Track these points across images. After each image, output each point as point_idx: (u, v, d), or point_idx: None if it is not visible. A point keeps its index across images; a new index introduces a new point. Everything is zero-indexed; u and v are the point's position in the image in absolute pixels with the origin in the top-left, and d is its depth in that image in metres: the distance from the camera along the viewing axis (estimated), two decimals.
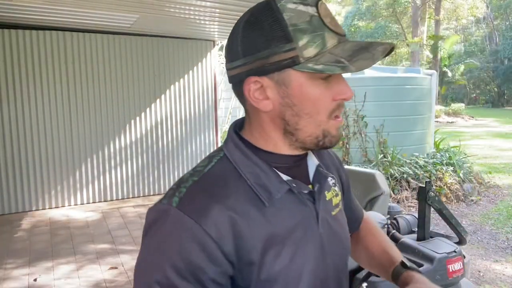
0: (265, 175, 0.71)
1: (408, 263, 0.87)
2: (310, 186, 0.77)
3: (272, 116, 0.71)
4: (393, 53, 0.68)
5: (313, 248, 0.73)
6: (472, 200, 5.87)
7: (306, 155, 0.79)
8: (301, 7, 0.66)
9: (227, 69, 0.73)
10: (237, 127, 0.78)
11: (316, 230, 0.75)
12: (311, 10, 0.66)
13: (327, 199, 0.79)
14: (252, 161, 0.71)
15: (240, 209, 0.67)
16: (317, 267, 0.74)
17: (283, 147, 0.73)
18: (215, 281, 0.64)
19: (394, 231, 2.55)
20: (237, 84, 0.71)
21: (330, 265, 0.77)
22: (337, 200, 0.83)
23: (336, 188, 0.84)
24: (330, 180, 0.83)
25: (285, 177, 0.72)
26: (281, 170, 0.73)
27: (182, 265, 0.62)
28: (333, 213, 0.80)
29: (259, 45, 0.66)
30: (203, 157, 2.22)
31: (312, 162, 0.80)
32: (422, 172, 5.77)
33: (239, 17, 0.72)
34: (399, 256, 0.91)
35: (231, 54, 0.71)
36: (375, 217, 2.34)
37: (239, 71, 0.69)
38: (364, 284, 2.08)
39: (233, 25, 0.73)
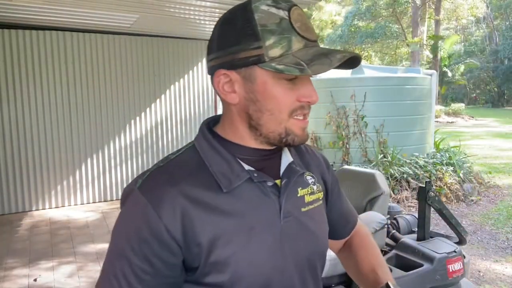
0: (227, 164, 0.75)
1: (392, 287, 0.87)
2: (278, 181, 0.79)
3: (238, 110, 0.75)
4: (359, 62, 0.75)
5: (270, 238, 0.75)
6: (472, 200, 5.87)
7: (279, 151, 0.82)
8: (273, 10, 0.70)
9: (206, 62, 0.78)
10: (212, 122, 0.83)
11: (278, 222, 0.77)
12: (283, 13, 0.70)
13: (298, 195, 0.82)
14: (216, 151, 0.76)
15: (195, 194, 0.72)
16: (273, 257, 0.75)
17: (249, 141, 0.77)
18: (162, 259, 0.69)
19: (394, 231, 2.55)
20: (211, 76, 0.76)
21: (289, 257, 0.78)
22: (311, 198, 0.84)
23: (315, 187, 0.86)
24: (310, 179, 0.86)
25: (247, 167, 0.76)
26: (247, 162, 0.77)
27: (135, 240, 0.69)
28: (304, 209, 0.82)
29: (231, 40, 0.71)
30: None
31: (286, 158, 0.82)
32: (422, 172, 5.77)
33: (240, 4, 0.76)
34: (386, 277, 0.91)
35: (209, 47, 0.76)
36: (375, 217, 2.34)
37: (213, 64, 0.75)
38: None
39: None
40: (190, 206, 0.71)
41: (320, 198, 0.88)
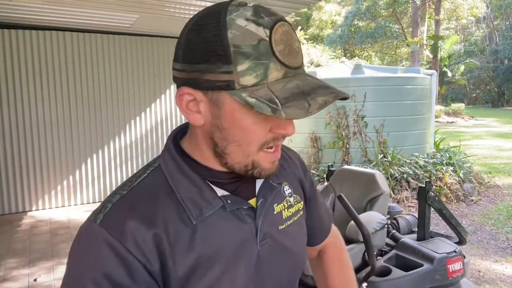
0: (198, 190, 0.67)
1: None
2: (254, 200, 0.73)
3: (203, 133, 0.66)
4: (347, 98, 0.62)
5: (245, 268, 0.69)
6: (472, 200, 5.87)
7: None
8: (251, 27, 0.58)
9: (172, 67, 0.67)
10: (179, 134, 0.73)
11: (254, 247, 0.70)
12: (262, 32, 0.58)
13: (274, 212, 0.75)
14: (185, 175, 0.67)
15: (166, 227, 0.64)
16: (249, 286, 0.70)
17: (216, 165, 0.68)
18: None
19: (394, 231, 2.55)
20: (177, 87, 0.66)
21: (267, 281, 0.73)
22: (289, 212, 0.78)
23: (291, 199, 0.80)
24: (287, 190, 0.79)
25: (220, 192, 0.68)
26: (219, 185, 0.69)
27: (104, 282, 0.60)
28: (282, 226, 0.76)
29: (198, 55, 0.60)
30: None
31: None
32: (422, 172, 5.77)
33: (216, 6, 0.65)
34: None
35: (175, 52, 0.65)
36: (375, 217, 2.34)
37: (178, 76, 0.65)
38: (364, 284, 2.08)
39: None
40: (162, 242, 0.63)
41: (300, 208, 0.82)
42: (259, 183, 0.74)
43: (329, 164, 3.31)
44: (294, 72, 0.61)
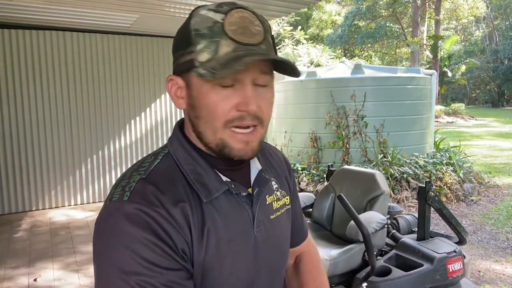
0: (206, 174, 0.73)
1: None
2: (249, 189, 0.78)
3: (187, 116, 0.75)
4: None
5: (247, 249, 0.75)
6: (472, 200, 5.87)
7: (243, 162, 0.78)
8: (210, 14, 0.67)
9: None
10: (182, 125, 0.80)
11: (251, 232, 0.76)
12: (218, 17, 0.66)
13: (267, 203, 0.81)
14: (194, 160, 0.74)
15: (182, 204, 0.69)
16: (250, 267, 0.76)
17: (206, 149, 0.75)
18: (171, 269, 0.65)
19: (394, 231, 2.55)
20: None
21: (261, 267, 0.79)
22: (278, 204, 0.84)
23: (278, 193, 0.85)
24: (274, 185, 0.85)
25: (224, 178, 0.74)
26: (221, 172, 0.75)
27: (144, 251, 0.63)
28: (272, 216, 0.82)
29: (175, 46, 0.72)
30: None
31: (255, 166, 0.81)
32: (422, 172, 5.76)
33: None
34: None
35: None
36: (375, 217, 2.34)
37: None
38: (364, 284, 2.08)
39: None
40: (187, 212, 0.69)
41: (287, 203, 0.88)
42: (253, 175, 0.80)
43: (329, 164, 3.31)
44: (246, 48, 0.66)
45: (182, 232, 0.67)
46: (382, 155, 6.07)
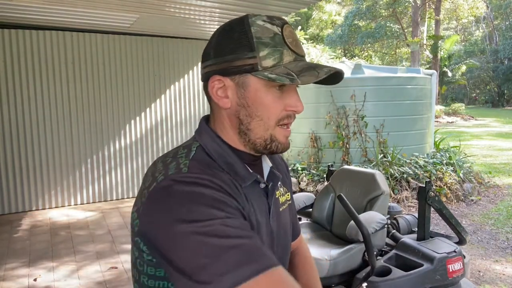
0: (237, 165, 0.80)
1: None
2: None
3: (229, 114, 0.80)
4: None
5: (266, 237, 0.83)
6: (472, 200, 5.87)
7: (260, 157, 0.89)
8: (268, 25, 0.77)
9: (201, 69, 0.84)
10: (207, 120, 0.87)
11: (268, 221, 0.84)
12: (276, 29, 0.77)
13: (276, 196, 0.89)
14: (226, 153, 0.80)
15: (228, 186, 0.74)
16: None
17: (240, 146, 0.82)
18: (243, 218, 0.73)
19: (394, 231, 2.55)
20: (205, 81, 0.81)
21: (276, 255, 0.82)
22: (283, 199, 0.93)
23: (281, 189, 0.94)
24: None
25: (250, 170, 0.82)
26: (246, 165, 0.83)
27: (222, 206, 0.68)
28: (280, 209, 0.91)
29: (227, 50, 0.77)
30: None
31: (266, 164, 0.90)
32: (422, 172, 5.76)
33: (238, 17, 0.80)
34: None
35: (205, 55, 0.82)
36: (375, 217, 2.34)
37: (208, 70, 0.80)
38: (364, 284, 2.08)
39: None
40: (239, 188, 0.77)
41: (288, 199, 0.97)
42: (266, 171, 0.89)
43: (329, 164, 3.31)
44: (301, 58, 0.79)
45: (236, 198, 0.73)
46: (382, 155, 6.07)
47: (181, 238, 0.64)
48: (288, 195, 0.97)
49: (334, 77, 0.80)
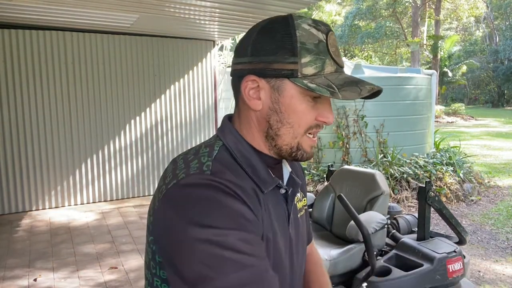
0: (260, 168, 0.78)
1: None
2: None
3: (259, 116, 0.77)
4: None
5: (284, 243, 0.80)
6: (472, 200, 5.87)
7: (281, 161, 0.85)
8: (313, 30, 0.73)
9: (233, 63, 0.79)
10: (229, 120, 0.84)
11: (287, 228, 0.82)
12: (321, 36, 0.73)
13: (295, 202, 0.87)
14: (250, 155, 0.78)
15: (249, 191, 0.73)
16: (289, 261, 0.82)
17: (264, 149, 0.79)
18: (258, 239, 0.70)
19: (394, 231, 2.55)
20: (237, 78, 0.78)
21: (295, 261, 0.85)
22: (300, 205, 0.92)
23: (299, 195, 0.92)
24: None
25: (273, 175, 0.80)
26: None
27: (240, 219, 0.66)
28: (298, 215, 0.90)
29: (267, 50, 0.73)
30: None
31: (286, 168, 0.88)
32: (422, 172, 5.77)
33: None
34: None
35: (240, 50, 0.77)
36: (375, 217, 2.34)
37: (242, 67, 0.76)
38: (364, 284, 2.08)
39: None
40: (257, 193, 0.75)
41: (305, 205, 0.96)
42: (286, 175, 0.86)
43: (329, 164, 3.31)
44: (342, 70, 0.76)
45: (257, 214, 0.72)
46: (382, 155, 6.07)
47: (191, 243, 0.63)
48: (305, 200, 0.95)
49: (373, 93, 0.76)
